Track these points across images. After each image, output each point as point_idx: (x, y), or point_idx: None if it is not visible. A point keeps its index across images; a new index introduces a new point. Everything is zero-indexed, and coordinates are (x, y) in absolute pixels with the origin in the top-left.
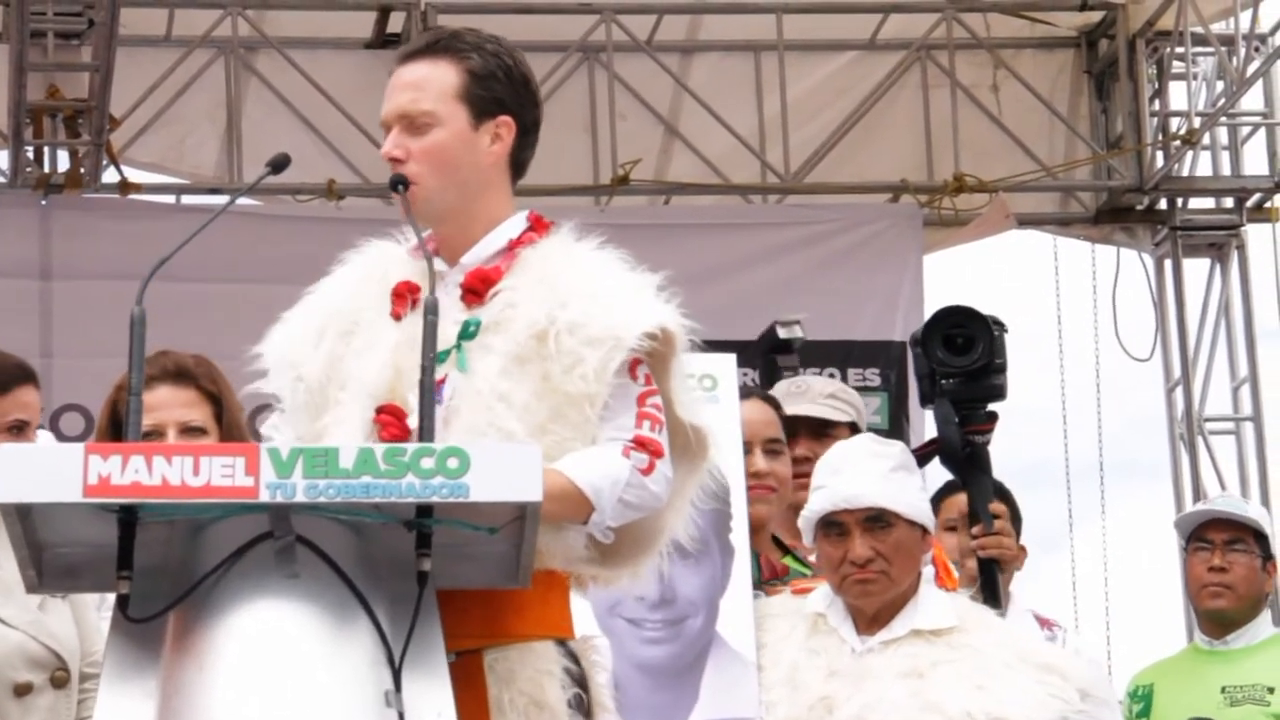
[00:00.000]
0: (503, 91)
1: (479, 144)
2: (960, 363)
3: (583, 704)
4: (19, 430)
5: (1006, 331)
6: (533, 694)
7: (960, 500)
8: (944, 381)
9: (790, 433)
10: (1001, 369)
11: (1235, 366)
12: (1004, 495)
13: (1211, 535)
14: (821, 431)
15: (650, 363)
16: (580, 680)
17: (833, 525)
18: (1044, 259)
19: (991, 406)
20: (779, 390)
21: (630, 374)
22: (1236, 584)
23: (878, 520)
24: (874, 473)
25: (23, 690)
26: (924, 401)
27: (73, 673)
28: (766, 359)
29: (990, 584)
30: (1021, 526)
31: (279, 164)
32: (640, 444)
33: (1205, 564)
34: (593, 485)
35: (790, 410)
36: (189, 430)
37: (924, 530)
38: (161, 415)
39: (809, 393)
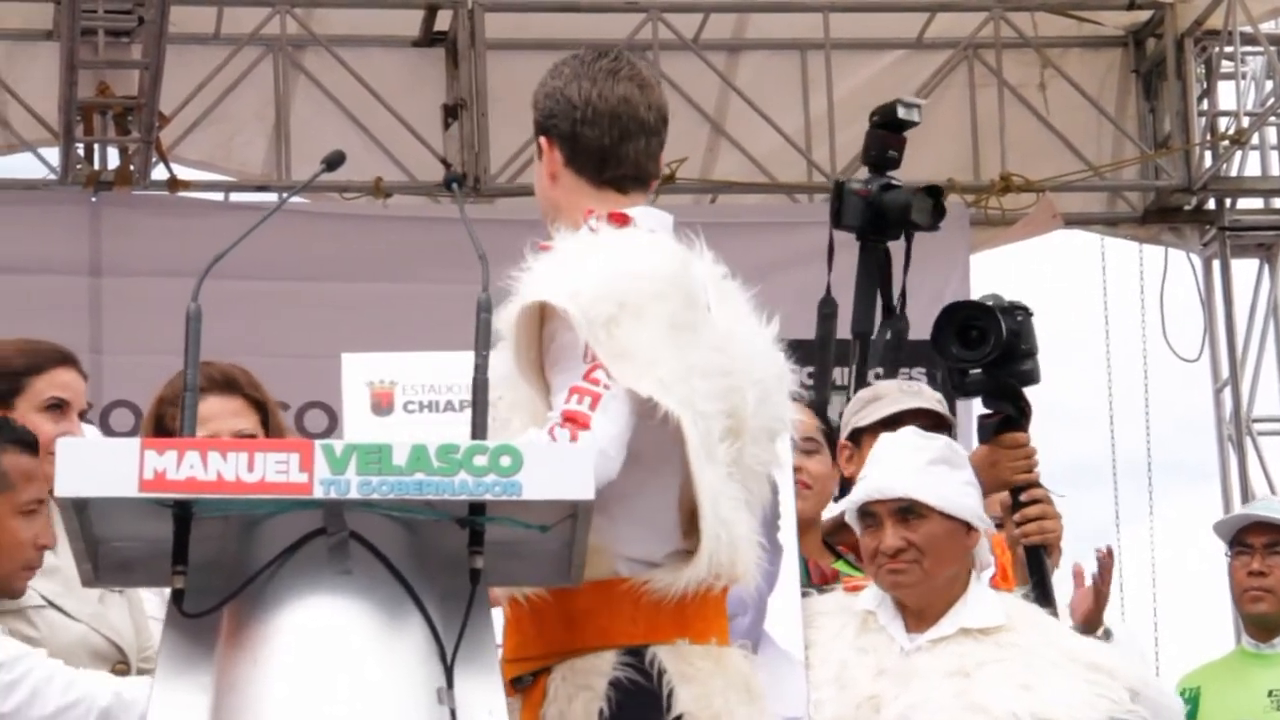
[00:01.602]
0: (539, 117)
1: (542, 169)
2: (973, 356)
3: (611, 716)
4: (58, 409)
5: (1032, 315)
6: (563, 709)
7: (997, 496)
8: (969, 375)
9: (900, 425)
10: (1029, 354)
11: None
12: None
13: (1251, 539)
14: (932, 430)
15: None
16: (631, 690)
17: (868, 516)
18: (1091, 259)
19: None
20: (889, 386)
21: (582, 356)
22: (1277, 587)
23: (909, 511)
24: (909, 465)
25: None
26: (956, 394)
27: (132, 666)
28: (874, 146)
29: (1038, 572)
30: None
31: (334, 161)
32: (567, 419)
33: (1246, 568)
34: None
35: (907, 404)
36: (242, 438)
37: (967, 526)
38: (215, 425)
39: (923, 394)
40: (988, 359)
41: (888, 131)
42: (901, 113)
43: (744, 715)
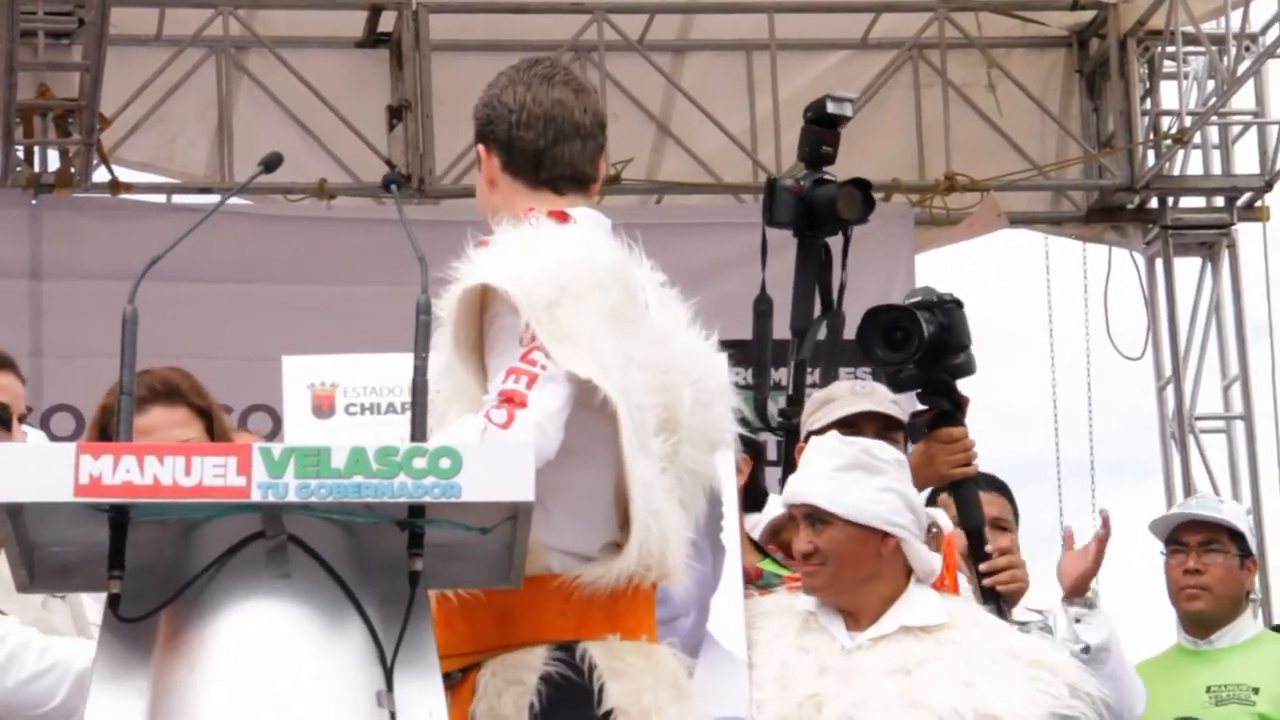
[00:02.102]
0: (478, 126)
1: (481, 177)
2: (899, 357)
3: (541, 711)
4: None
5: (963, 306)
6: (493, 704)
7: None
8: (903, 372)
9: (857, 429)
10: (962, 347)
11: (1226, 365)
12: (1001, 489)
13: (1186, 538)
14: (885, 431)
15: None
16: (562, 685)
17: (791, 518)
18: (1035, 258)
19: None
20: (842, 388)
21: (519, 339)
22: (1213, 585)
23: (815, 517)
24: (820, 470)
25: None
26: (893, 391)
27: None
28: (808, 142)
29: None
30: (1019, 520)
31: (271, 163)
32: (504, 399)
33: (1181, 566)
34: None
35: (859, 407)
36: None
37: (881, 534)
38: (159, 436)
39: (875, 394)
40: (913, 359)
41: (820, 127)
42: (831, 107)
43: (674, 712)
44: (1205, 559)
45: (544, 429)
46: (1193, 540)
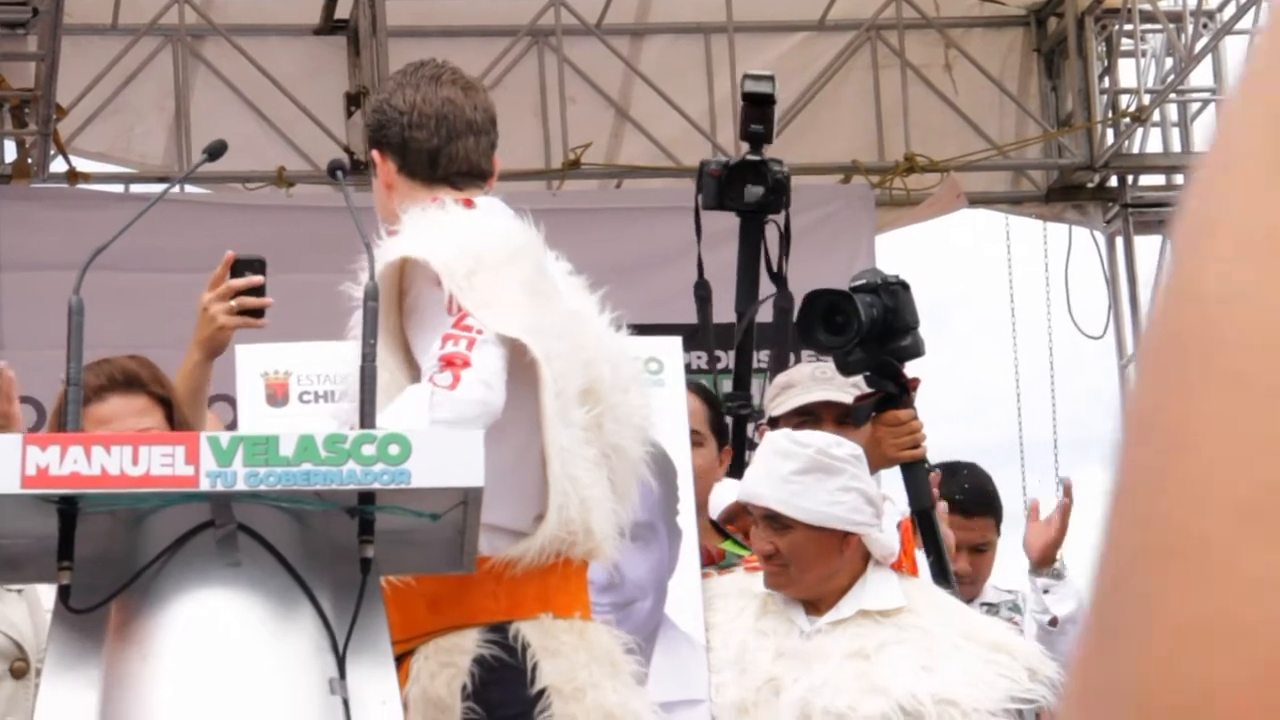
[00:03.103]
0: (369, 133)
1: (378, 183)
2: (840, 341)
3: (475, 693)
4: None
5: (908, 288)
6: (426, 687)
7: None
8: (851, 355)
9: (816, 417)
10: (908, 329)
11: None
12: (990, 497)
13: None
14: (845, 418)
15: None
16: (494, 666)
17: (748, 510)
18: (996, 238)
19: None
20: (803, 373)
21: (447, 309)
22: None
23: (775, 520)
24: (775, 473)
25: None
26: (841, 373)
27: (31, 664)
28: (742, 122)
29: (933, 542)
30: (1002, 517)
31: (215, 150)
32: (445, 362)
33: None
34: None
35: (817, 396)
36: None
37: (842, 533)
38: (118, 426)
39: (835, 380)
40: (853, 343)
41: (749, 106)
42: (749, 85)
43: (609, 687)
44: None
45: (491, 385)
46: None
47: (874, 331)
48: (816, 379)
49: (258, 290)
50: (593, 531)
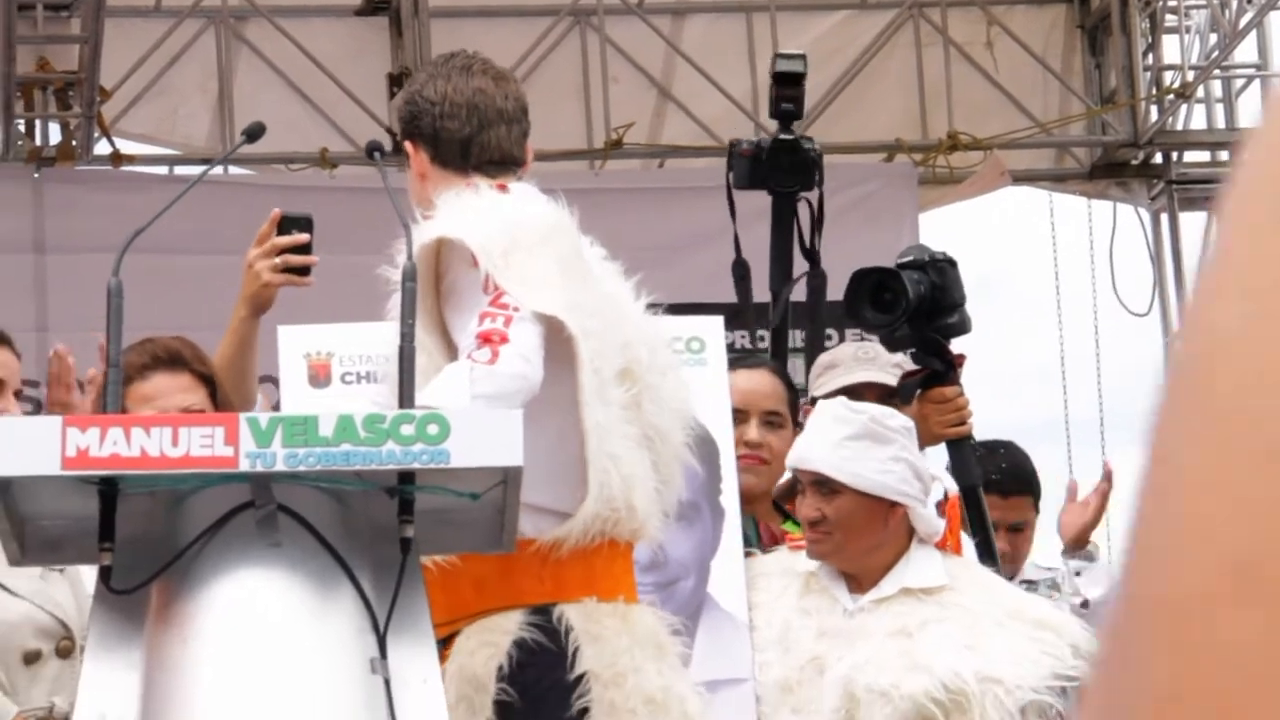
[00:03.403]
0: (401, 125)
1: (412, 174)
2: (887, 319)
3: (511, 674)
4: None
5: (955, 265)
6: (464, 663)
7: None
8: (897, 332)
9: (859, 397)
10: (955, 306)
11: None
12: (1028, 476)
13: None
14: (888, 399)
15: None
16: (534, 649)
17: (797, 481)
18: (1040, 216)
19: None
20: (845, 353)
21: (483, 288)
22: None
23: (824, 485)
24: (828, 438)
25: (32, 658)
26: (888, 350)
27: (77, 642)
28: (772, 101)
29: (979, 519)
30: (1040, 496)
31: (254, 132)
32: (483, 339)
33: None
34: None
35: (860, 377)
36: (192, 414)
37: (889, 503)
38: (163, 402)
39: (878, 360)
40: (901, 320)
41: (779, 85)
42: (780, 65)
43: (653, 670)
44: None
45: (529, 360)
46: None
47: (921, 309)
48: (859, 359)
49: (304, 248)
50: (636, 510)
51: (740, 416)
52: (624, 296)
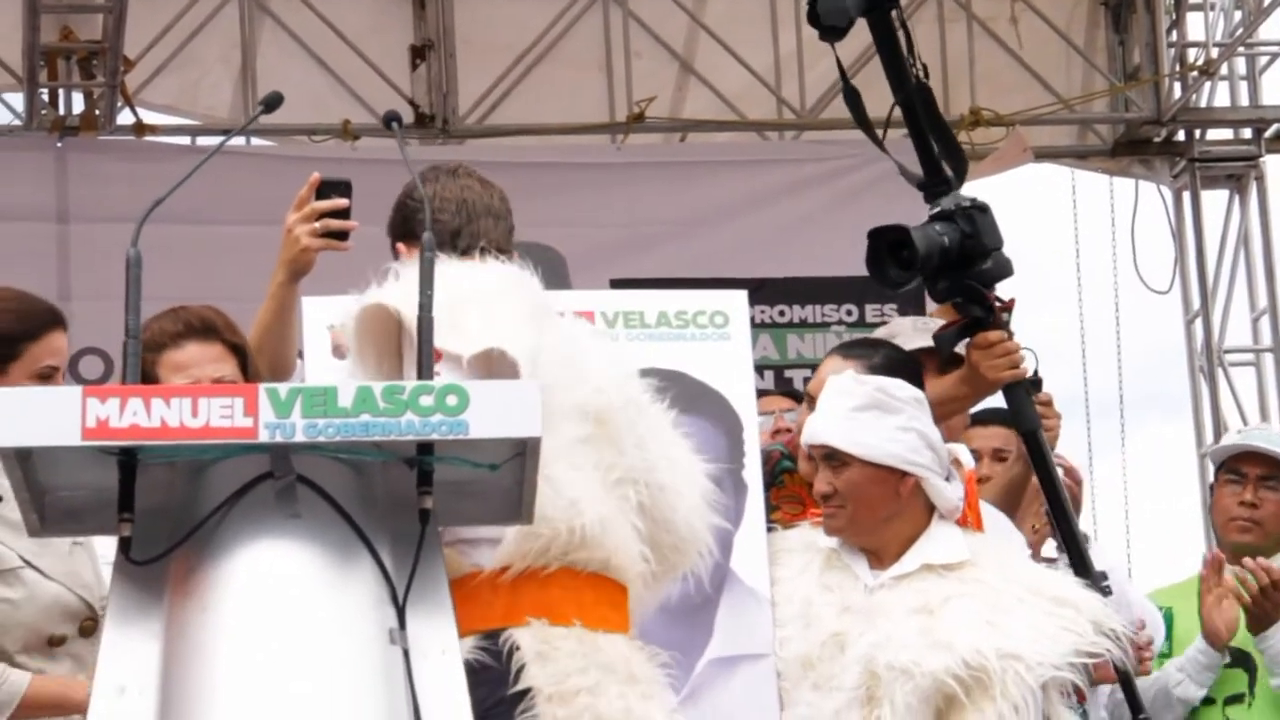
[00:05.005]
0: (393, 232)
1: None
2: (909, 276)
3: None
4: (48, 377)
5: (988, 210)
6: None
7: (989, 434)
8: (938, 283)
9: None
10: (989, 251)
11: (1255, 298)
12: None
13: (1245, 468)
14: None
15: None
16: (476, 670)
17: (812, 458)
18: (1062, 192)
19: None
20: (904, 324)
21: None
22: (1265, 520)
23: (833, 458)
24: (835, 411)
25: (56, 642)
26: (934, 300)
27: (100, 621)
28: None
29: (1067, 530)
30: (1083, 493)
31: (272, 102)
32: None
33: (1236, 498)
34: None
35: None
36: (223, 384)
37: (900, 473)
38: (195, 372)
39: (932, 328)
40: (922, 274)
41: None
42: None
43: (614, 694)
44: (1263, 494)
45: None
46: (1252, 473)
47: (949, 259)
48: (918, 329)
49: (343, 213)
50: (585, 537)
51: (805, 400)
52: (594, 344)
